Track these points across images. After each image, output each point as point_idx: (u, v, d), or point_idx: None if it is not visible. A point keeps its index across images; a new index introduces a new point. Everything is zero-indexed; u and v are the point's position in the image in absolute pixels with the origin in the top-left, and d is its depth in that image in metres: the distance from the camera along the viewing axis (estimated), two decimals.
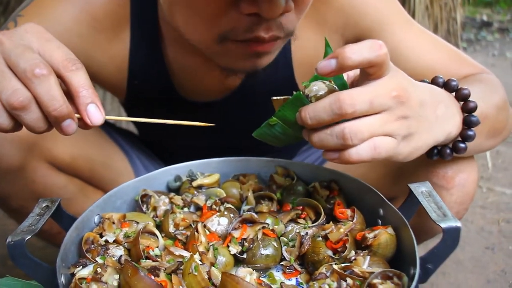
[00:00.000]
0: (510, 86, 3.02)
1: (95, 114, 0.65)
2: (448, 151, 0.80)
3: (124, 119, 0.76)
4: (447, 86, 0.78)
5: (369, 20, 1.01)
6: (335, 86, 0.69)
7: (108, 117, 0.69)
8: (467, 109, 0.77)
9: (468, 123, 0.77)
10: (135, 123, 1.36)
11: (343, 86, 0.69)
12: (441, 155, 0.80)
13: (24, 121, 0.63)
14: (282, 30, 0.80)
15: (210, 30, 0.81)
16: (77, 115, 0.66)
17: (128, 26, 1.03)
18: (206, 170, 0.94)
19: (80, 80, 0.64)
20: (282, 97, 0.72)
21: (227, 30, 0.79)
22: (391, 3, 1.04)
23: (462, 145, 0.78)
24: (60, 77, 0.64)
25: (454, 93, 0.78)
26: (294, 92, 0.70)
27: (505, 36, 4.49)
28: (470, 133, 0.77)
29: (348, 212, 0.78)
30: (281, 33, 0.81)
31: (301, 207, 0.82)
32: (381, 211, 0.78)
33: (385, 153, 0.65)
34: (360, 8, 1.01)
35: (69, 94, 0.65)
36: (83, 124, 0.66)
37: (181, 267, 0.68)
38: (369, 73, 0.64)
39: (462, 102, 0.77)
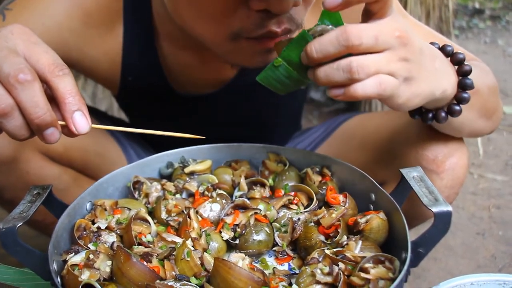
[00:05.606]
0: (502, 73, 3.04)
1: (81, 122, 0.63)
2: (443, 114, 0.80)
3: (111, 128, 0.73)
4: (442, 50, 0.79)
5: None
6: None
7: (94, 126, 0.66)
8: (462, 72, 0.77)
9: (463, 85, 0.77)
10: (126, 112, 1.35)
11: None
12: (436, 118, 0.81)
13: (5, 128, 0.61)
14: (293, 23, 0.80)
15: (221, 29, 0.80)
16: (62, 122, 0.63)
17: (121, 21, 1.01)
18: (198, 157, 0.94)
19: (66, 86, 0.61)
20: (285, 39, 0.71)
21: (238, 27, 0.78)
22: None
23: (457, 107, 0.78)
24: (46, 83, 0.62)
25: (449, 58, 0.79)
26: None
27: (497, 24, 4.48)
28: (465, 95, 0.77)
29: (340, 197, 0.79)
30: (293, 25, 0.80)
31: (293, 192, 0.83)
32: (373, 196, 0.79)
33: (390, 91, 0.64)
34: None
35: (54, 100, 0.62)
36: (68, 131, 0.64)
37: (173, 253, 0.68)
38: (373, 11, 0.64)
39: (457, 66, 0.78)
